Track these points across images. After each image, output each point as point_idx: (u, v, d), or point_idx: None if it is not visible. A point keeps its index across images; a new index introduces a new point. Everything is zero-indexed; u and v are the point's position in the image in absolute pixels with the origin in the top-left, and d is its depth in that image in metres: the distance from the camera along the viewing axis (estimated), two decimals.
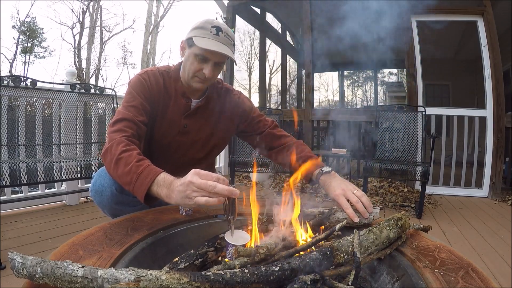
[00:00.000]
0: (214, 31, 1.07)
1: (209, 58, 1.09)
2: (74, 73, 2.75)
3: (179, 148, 1.21)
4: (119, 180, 0.87)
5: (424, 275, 0.62)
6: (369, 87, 16.17)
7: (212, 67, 1.10)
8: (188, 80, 1.14)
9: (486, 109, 3.60)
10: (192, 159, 1.26)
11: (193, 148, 1.24)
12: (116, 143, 0.90)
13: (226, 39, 1.09)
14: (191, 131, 1.22)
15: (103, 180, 1.07)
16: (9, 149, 2.19)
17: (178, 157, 1.23)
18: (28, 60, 16.96)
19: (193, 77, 1.12)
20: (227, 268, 0.61)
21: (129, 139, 0.93)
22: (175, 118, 1.18)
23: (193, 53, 1.09)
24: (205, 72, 1.09)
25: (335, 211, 0.89)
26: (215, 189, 0.70)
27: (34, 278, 0.50)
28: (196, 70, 1.10)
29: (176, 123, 1.18)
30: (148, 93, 1.11)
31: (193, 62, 1.10)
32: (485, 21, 3.55)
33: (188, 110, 1.20)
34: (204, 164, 1.33)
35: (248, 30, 16.47)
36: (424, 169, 2.60)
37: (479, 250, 1.95)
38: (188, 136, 1.22)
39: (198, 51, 1.07)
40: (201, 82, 1.13)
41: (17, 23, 16.29)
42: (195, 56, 1.09)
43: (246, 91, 18.40)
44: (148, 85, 1.12)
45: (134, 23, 27.12)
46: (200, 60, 1.09)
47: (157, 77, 1.17)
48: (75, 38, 17.88)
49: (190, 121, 1.21)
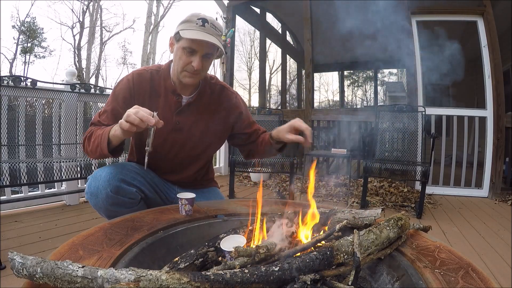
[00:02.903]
0: (200, 23, 1.08)
1: (196, 50, 1.09)
2: (74, 73, 2.75)
3: (173, 145, 1.22)
4: (94, 153, 1.06)
5: (424, 275, 0.62)
6: (369, 87, 16.17)
7: (201, 59, 1.11)
8: (179, 75, 1.15)
9: (486, 109, 3.60)
10: (188, 156, 1.26)
11: (188, 145, 1.25)
12: (85, 133, 1.14)
13: (213, 30, 1.09)
14: (184, 127, 1.22)
15: (98, 183, 1.07)
16: (9, 149, 2.19)
17: (174, 154, 1.24)
18: (28, 60, 16.96)
19: (182, 71, 1.13)
20: (227, 268, 0.61)
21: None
22: (167, 116, 1.19)
23: (181, 47, 1.10)
24: (194, 65, 1.10)
25: (336, 211, 0.89)
26: (138, 113, 0.89)
27: (34, 278, 0.50)
28: (185, 64, 1.11)
29: (168, 120, 1.19)
30: (128, 94, 1.16)
31: (182, 56, 1.11)
32: (485, 21, 3.55)
33: (179, 107, 1.21)
34: (201, 161, 1.32)
35: (248, 30, 16.47)
36: (424, 169, 2.60)
37: (479, 250, 1.95)
38: (182, 133, 1.22)
39: (186, 44, 1.09)
40: (191, 76, 1.13)
41: (17, 23, 16.29)
42: (183, 50, 1.10)
43: (246, 91, 18.40)
44: (131, 86, 1.17)
45: (134, 23, 27.09)
46: (188, 53, 1.10)
47: (142, 77, 1.19)
48: (75, 38, 17.88)
49: (182, 117, 1.22)
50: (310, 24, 4.37)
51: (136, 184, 1.12)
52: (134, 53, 27.04)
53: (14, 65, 16.53)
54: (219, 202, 1.23)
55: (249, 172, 3.85)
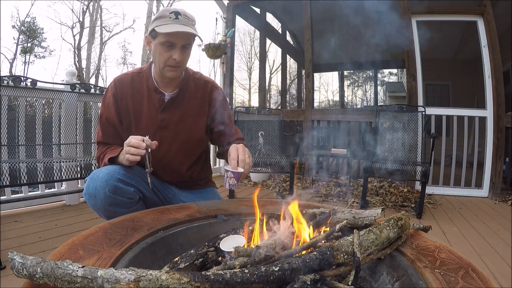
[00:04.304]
0: (173, 16, 1.10)
1: (175, 43, 1.11)
2: (74, 73, 2.75)
3: (162, 143, 1.22)
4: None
5: (424, 275, 0.62)
6: (369, 87, 16.16)
7: (180, 51, 1.13)
8: (161, 71, 1.17)
9: (486, 109, 3.59)
10: (178, 153, 1.26)
11: (176, 141, 1.25)
12: (97, 153, 1.26)
13: (186, 20, 1.12)
14: (169, 124, 1.24)
15: (96, 183, 1.07)
16: (9, 149, 2.19)
17: (164, 152, 1.24)
18: (28, 60, 16.97)
19: (165, 66, 1.15)
20: (227, 268, 0.61)
21: (102, 144, 1.25)
22: (152, 114, 1.22)
23: (159, 43, 1.12)
24: (175, 57, 1.12)
25: (336, 211, 0.89)
26: (130, 142, 1.02)
27: (34, 278, 0.50)
28: (166, 59, 1.13)
29: (154, 119, 1.22)
30: (114, 100, 1.23)
31: (161, 52, 1.13)
32: (485, 21, 3.55)
33: (162, 104, 1.23)
34: (193, 157, 1.31)
35: (248, 30, 16.45)
36: (424, 169, 2.60)
37: (479, 250, 1.95)
38: (168, 130, 1.24)
39: (163, 38, 1.10)
40: (173, 70, 1.15)
41: (17, 23, 16.31)
42: (161, 45, 1.12)
43: (246, 91, 18.40)
44: (114, 92, 1.22)
45: (134, 23, 27.17)
46: (167, 48, 1.12)
47: (123, 82, 1.23)
48: (75, 38, 17.90)
49: (166, 115, 1.23)
50: (310, 24, 4.37)
51: (134, 184, 1.13)
52: (134, 53, 27.09)
53: (14, 65, 16.56)
54: (219, 202, 1.23)
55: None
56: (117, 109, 1.23)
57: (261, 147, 3.29)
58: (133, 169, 1.16)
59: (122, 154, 1.10)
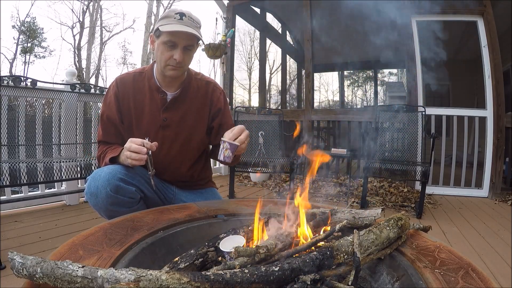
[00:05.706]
0: (178, 17, 1.11)
1: (177, 43, 1.12)
2: (74, 73, 2.75)
3: (164, 142, 1.23)
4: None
5: (424, 275, 0.62)
6: (369, 87, 16.16)
7: (182, 51, 1.14)
8: (162, 70, 1.18)
9: (486, 109, 3.59)
10: (179, 152, 1.27)
11: (178, 140, 1.26)
12: (98, 152, 1.26)
13: (190, 22, 1.13)
14: (171, 124, 1.25)
15: (97, 182, 1.07)
16: (9, 149, 2.18)
17: (165, 152, 1.25)
18: (28, 60, 16.97)
19: (166, 65, 1.16)
20: (227, 268, 0.61)
21: (103, 143, 1.26)
22: (154, 114, 1.23)
23: (161, 42, 1.13)
24: (176, 57, 1.13)
25: (336, 211, 0.89)
26: (130, 148, 1.03)
27: (34, 278, 0.50)
28: (167, 58, 1.14)
29: (156, 118, 1.23)
30: (115, 99, 1.24)
31: (163, 51, 1.14)
32: (485, 21, 3.55)
33: (164, 103, 1.24)
34: (194, 157, 1.32)
35: (248, 30, 16.43)
36: (424, 169, 2.60)
37: (479, 250, 1.95)
38: (170, 129, 1.25)
39: (166, 38, 1.12)
40: (174, 69, 1.16)
41: (17, 23, 16.30)
42: (164, 44, 1.13)
43: (246, 91, 18.39)
44: (116, 91, 1.23)
45: (134, 23, 27.18)
46: (169, 47, 1.13)
47: (125, 81, 1.24)
48: (75, 38, 17.90)
49: (168, 114, 1.24)
50: (310, 24, 4.37)
51: (135, 183, 1.13)
52: (134, 53, 27.10)
53: (14, 65, 16.56)
54: (219, 202, 1.23)
55: (249, 172, 3.85)
56: (119, 108, 1.23)
57: (261, 147, 3.29)
58: (135, 168, 1.16)
59: (123, 154, 1.10)
